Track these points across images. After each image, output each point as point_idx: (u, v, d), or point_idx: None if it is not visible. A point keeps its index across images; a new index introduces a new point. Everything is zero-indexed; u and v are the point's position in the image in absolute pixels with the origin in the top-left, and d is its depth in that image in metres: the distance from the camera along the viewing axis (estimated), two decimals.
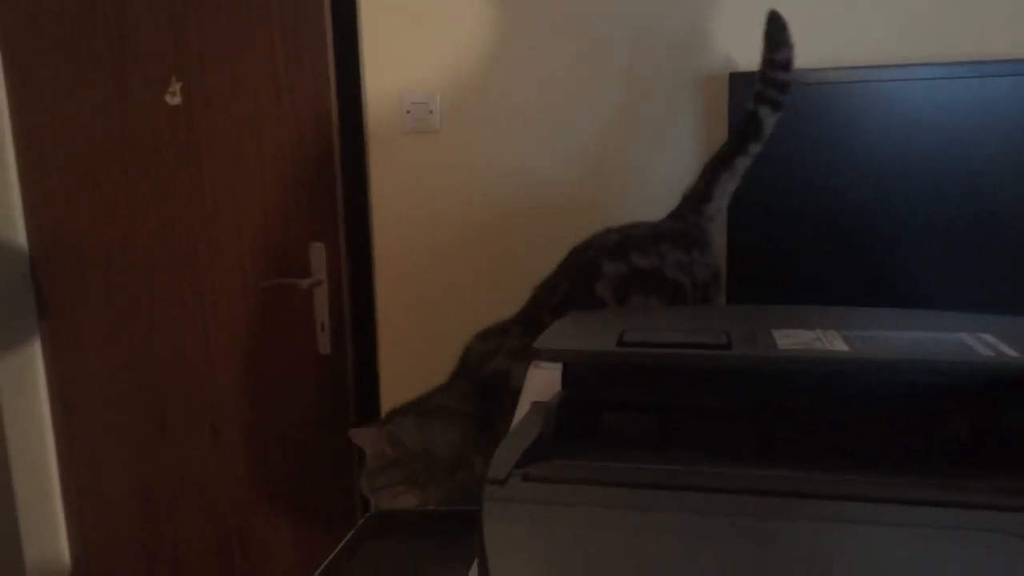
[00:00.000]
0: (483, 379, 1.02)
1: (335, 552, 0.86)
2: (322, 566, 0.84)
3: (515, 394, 0.97)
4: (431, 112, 1.60)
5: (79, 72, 1.76)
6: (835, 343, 0.69)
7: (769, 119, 1.18)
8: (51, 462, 1.97)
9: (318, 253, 1.69)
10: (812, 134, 1.31)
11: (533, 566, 0.40)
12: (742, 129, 1.20)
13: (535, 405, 0.70)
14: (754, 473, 0.55)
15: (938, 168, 1.27)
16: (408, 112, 1.61)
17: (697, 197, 1.20)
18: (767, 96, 1.18)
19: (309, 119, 1.65)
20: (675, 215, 1.21)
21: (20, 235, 1.87)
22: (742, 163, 1.20)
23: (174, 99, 1.73)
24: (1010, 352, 0.62)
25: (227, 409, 1.82)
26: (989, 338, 0.68)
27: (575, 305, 1.05)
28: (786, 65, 1.17)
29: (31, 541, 1.92)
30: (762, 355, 0.64)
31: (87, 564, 2.00)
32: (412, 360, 1.69)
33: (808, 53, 1.40)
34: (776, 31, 1.16)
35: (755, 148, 1.19)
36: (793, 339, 0.71)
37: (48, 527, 1.97)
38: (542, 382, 0.71)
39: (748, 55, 1.42)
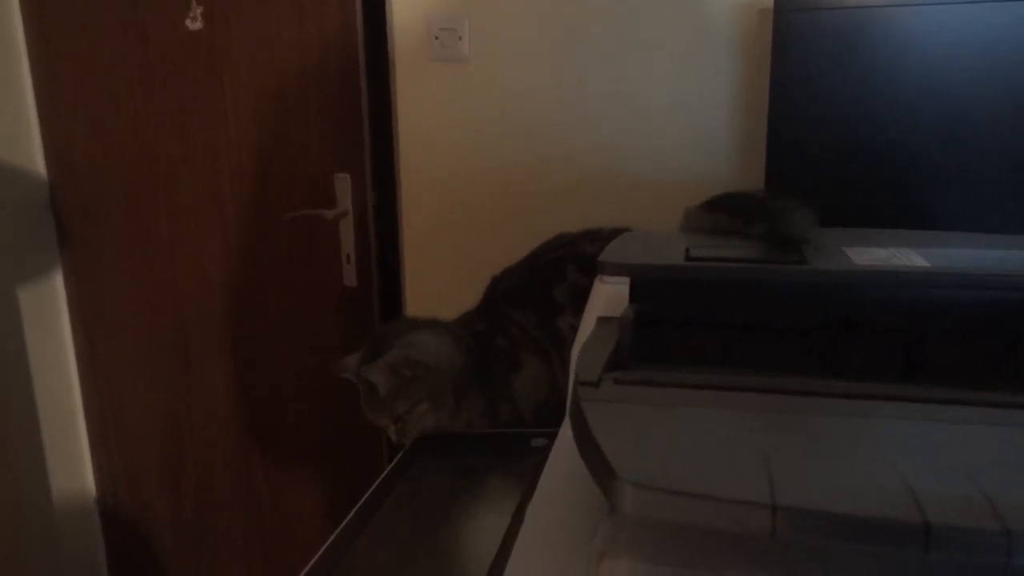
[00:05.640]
0: (473, 334, 1.04)
1: (387, 471, 0.86)
2: (374, 485, 0.84)
3: (500, 352, 1.00)
4: (460, 39, 1.55)
5: None
6: (913, 259, 0.67)
7: None
8: (75, 392, 1.97)
9: (343, 184, 1.66)
10: (853, 58, 1.27)
11: (649, 452, 0.39)
12: None
13: (601, 320, 0.68)
14: (838, 383, 0.54)
15: (985, 93, 1.23)
16: (436, 38, 1.56)
17: None
18: None
19: (334, 46, 1.61)
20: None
21: (39, 163, 1.84)
22: None
23: (195, 23, 1.69)
24: None
25: (251, 339, 1.81)
26: None
27: (529, 296, 1.05)
28: None
29: (56, 471, 1.94)
30: (845, 269, 0.63)
31: (113, 493, 2.02)
32: (438, 292, 1.68)
33: None
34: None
35: None
36: (868, 256, 0.69)
37: (73, 457, 1.99)
38: (606, 298, 0.69)
39: None
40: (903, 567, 0.40)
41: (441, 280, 1.67)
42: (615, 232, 1.10)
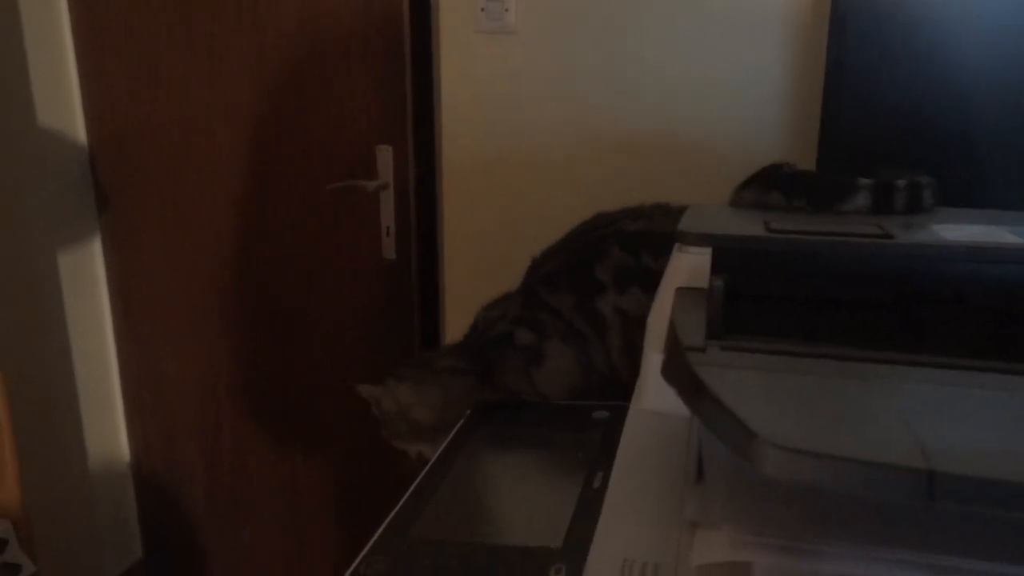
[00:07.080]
0: (489, 339, 1.04)
1: (447, 441, 0.86)
2: (439, 450, 0.84)
3: (519, 349, 1.01)
4: (507, 11, 1.54)
5: None
6: (1004, 236, 0.66)
7: None
8: (111, 359, 1.99)
9: (385, 155, 1.65)
10: (913, 39, 1.25)
11: (782, 416, 0.38)
12: None
13: (681, 291, 0.67)
14: (954, 358, 0.53)
15: None
16: (483, 10, 1.55)
17: None
18: None
19: (379, 16, 1.59)
20: None
21: (79, 130, 1.84)
22: None
23: None
24: None
25: (289, 308, 1.81)
26: None
27: (568, 278, 1.03)
28: None
29: (92, 439, 1.96)
30: (939, 243, 0.61)
31: (147, 461, 2.04)
32: (477, 267, 1.67)
33: None
34: None
35: None
36: (957, 232, 0.68)
37: (108, 422, 2.00)
38: (685, 269, 0.68)
39: None
40: None
41: (480, 255, 1.66)
42: (656, 209, 1.07)
